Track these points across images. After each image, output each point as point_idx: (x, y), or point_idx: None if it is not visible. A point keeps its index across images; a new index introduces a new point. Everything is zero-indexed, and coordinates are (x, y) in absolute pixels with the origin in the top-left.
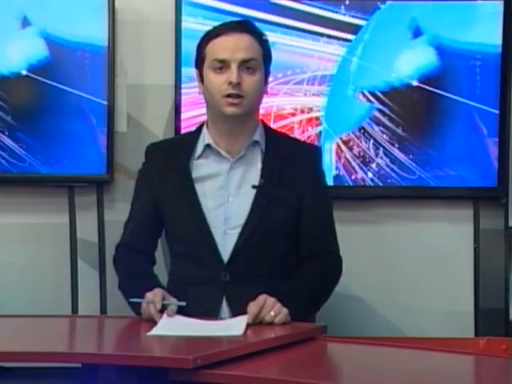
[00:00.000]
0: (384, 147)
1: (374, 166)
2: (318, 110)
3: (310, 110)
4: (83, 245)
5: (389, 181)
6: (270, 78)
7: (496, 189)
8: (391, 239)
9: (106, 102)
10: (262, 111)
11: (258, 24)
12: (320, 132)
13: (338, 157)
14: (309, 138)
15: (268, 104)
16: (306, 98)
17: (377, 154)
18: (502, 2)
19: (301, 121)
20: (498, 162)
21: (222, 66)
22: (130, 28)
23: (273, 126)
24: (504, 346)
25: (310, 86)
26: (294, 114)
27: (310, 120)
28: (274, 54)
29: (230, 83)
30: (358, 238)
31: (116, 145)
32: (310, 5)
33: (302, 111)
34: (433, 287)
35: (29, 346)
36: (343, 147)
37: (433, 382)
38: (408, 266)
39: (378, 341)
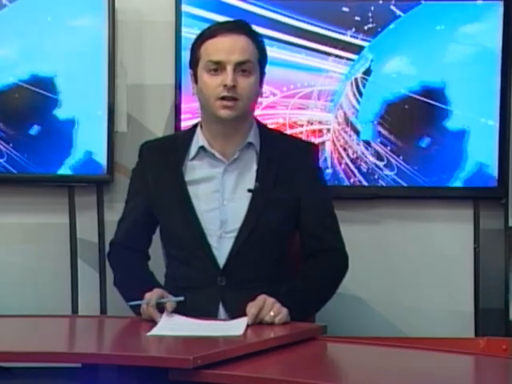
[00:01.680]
0: (383, 149)
1: (373, 165)
2: (321, 123)
3: (316, 122)
4: (83, 245)
5: (388, 181)
6: (277, 91)
7: (496, 189)
8: (391, 239)
9: (106, 102)
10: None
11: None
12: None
13: (338, 158)
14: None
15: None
16: (313, 112)
17: (376, 154)
18: (502, 2)
19: (307, 131)
20: (498, 162)
21: (217, 67)
22: (130, 28)
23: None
24: (504, 345)
25: (315, 101)
26: (301, 126)
27: (313, 131)
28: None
29: (225, 86)
30: (358, 237)
31: (116, 145)
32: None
33: (309, 123)
34: (433, 287)
35: (29, 346)
36: (342, 151)
37: (433, 382)
38: (408, 266)
39: (378, 341)
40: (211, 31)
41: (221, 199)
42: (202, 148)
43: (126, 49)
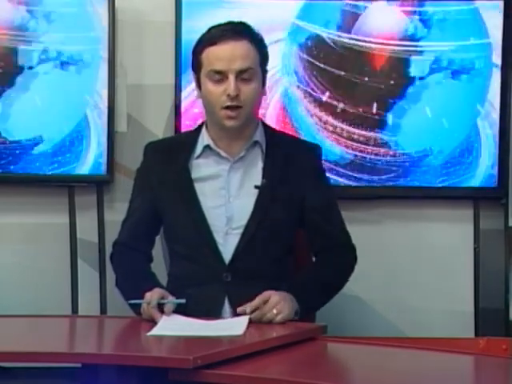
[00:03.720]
0: (384, 146)
1: (374, 165)
2: None
3: None
4: (83, 245)
5: (388, 181)
6: None
7: (496, 189)
8: (391, 239)
9: (106, 102)
10: None
11: None
12: None
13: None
14: None
15: None
16: None
17: (377, 153)
18: (502, 2)
19: None
20: (498, 162)
21: (220, 76)
22: (130, 28)
23: None
24: (504, 345)
25: None
26: None
27: None
28: None
29: (228, 95)
30: (358, 238)
31: (116, 145)
32: None
33: None
34: (433, 287)
35: (29, 346)
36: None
37: (433, 382)
38: (408, 266)
39: (378, 341)
40: (211, 37)
41: (227, 196)
42: (207, 147)
43: (125, 49)
